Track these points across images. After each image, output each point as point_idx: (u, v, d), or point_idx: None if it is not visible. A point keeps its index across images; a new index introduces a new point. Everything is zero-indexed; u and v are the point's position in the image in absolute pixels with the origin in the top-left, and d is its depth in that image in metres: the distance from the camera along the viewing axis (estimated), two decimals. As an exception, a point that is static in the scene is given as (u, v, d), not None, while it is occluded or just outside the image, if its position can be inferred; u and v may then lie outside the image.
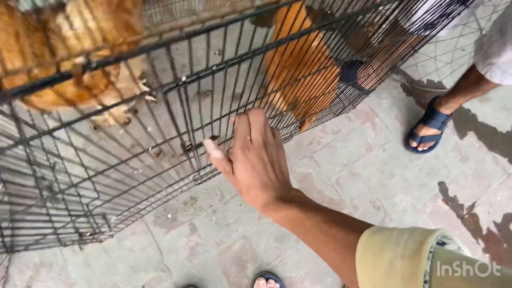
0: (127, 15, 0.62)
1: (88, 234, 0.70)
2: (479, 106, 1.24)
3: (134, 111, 1.04)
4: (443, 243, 0.23)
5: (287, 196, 0.33)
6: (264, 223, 0.94)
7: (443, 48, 1.20)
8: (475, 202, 1.09)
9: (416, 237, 0.22)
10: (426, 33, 0.71)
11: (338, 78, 1.14)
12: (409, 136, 1.11)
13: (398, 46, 0.93)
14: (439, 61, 1.20)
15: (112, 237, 0.87)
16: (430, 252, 0.20)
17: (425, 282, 0.19)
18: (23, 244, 0.54)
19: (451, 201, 1.08)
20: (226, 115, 0.54)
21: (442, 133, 1.11)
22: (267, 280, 0.85)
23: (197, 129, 0.52)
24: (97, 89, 0.62)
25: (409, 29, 0.69)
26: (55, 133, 0.26)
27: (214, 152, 0.38)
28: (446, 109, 1.05)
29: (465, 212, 1.07)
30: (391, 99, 1.19)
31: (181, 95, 0.36)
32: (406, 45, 0.94)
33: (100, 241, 0.84)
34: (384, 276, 0.21)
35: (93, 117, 0.93)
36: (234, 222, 0.93)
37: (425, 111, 1.12)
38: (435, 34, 0.75)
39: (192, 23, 0.26)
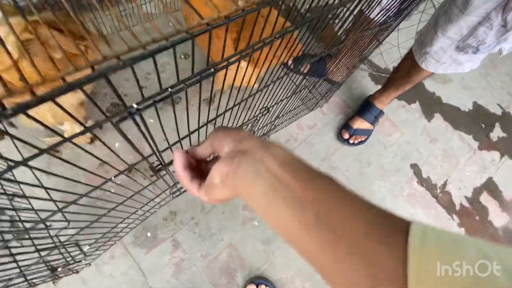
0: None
1: (61, 267, 0.64)
2: (442, 88, 1.30)
3: (99, 127, 0.97)
4: None
5: None
6: (248, 228, 0.93)
7: (405, 35, 1.23)
8: (447, 180, 1.14)
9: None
10: (390, 23, 0.72)
11: (308, 69, 1.14)
12: (343, 127, 1.11)
13: (364, 38, 0.94)
14: (402, 48, 1.24)
15: (90, 265, 0.81)
16: None
17: None
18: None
19: (425, 182, 1.12)
20: (203, 126, 0.50)
21: (373, 129, 1.12)
22: (257, 286, 0.84)
23: (165, 150, 0.49)
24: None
25: (374, 21, 0.70)
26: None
27: (181, 173, 0.33)
28: (379, 103, 1.07)
29: (438, 191, 1.12)
30: (360, 89, 1.21)
31: (137, 122, 0.32)
32: (371, 37, 0.95)
33: (77, 272, 0.79)
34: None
35: (50, 140, 0.85)
36: (218, 231, 0.91)
37: (362, 103, 1.13)
38: (398, 24, 0.77)
39: (131, 49, 0.22)
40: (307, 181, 0.23)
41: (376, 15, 0.69)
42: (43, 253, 0.54)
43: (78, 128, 0.83)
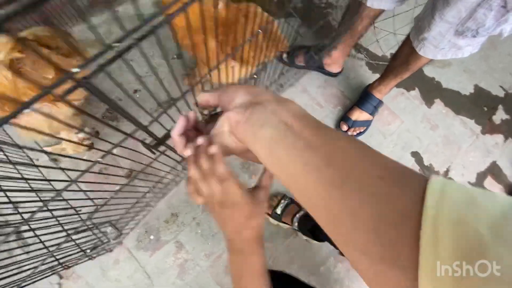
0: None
1: (94, 247, 0.63)
2: (441, 73, 1.27)
3: (96, 133, 0.97)
4: None
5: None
6: (251, 226, 0.93)
7: (401, 21, 1.20)
8: (449, 166, 1.13)
9: None
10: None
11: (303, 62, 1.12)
12: (342, 119, 1.09)
13: (356, 23, 0.91)
14: (399, 34, 1.21)
15: (122, 243, 0.82)
16: None
17: None
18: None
19: (427, 170, 1.11)
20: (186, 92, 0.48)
21: (372, 120, 1.10)
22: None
23: (151, 123, 0.45)
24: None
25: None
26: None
27: (175, 137, 0.31)
28: (378, 93, 1.05)
29: (441, 178, 1.11)
30: (358, 79, 1.19)
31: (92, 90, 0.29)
32: (364, 21, 0.92)
33: (111, 250, 0.79)
34: None
35: (49, 149, 0.85)
36: (220, 230, 0.91)
37: (360, 94, 1.11)
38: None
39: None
40: (319, 129, 0.22)
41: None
42: (70, 232, 0.52)
43: (74, 137, 0.83)
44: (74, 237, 0.51)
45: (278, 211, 0.91)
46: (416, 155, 1.12)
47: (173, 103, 0.42)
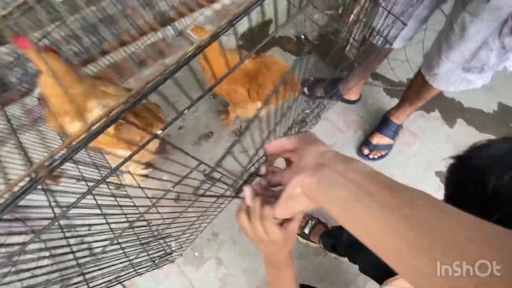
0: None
1: (160, 258, 0.77)
2: (462, 93, 1.31)
3: (150, 165, 1.16)
4: None
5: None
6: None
7: (414, 49, 1.29)
8: (478, 184, 1.14)
9: None
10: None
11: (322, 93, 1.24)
12: (363, 143, 1.17)
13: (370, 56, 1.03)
14: (412, 62, 1.29)
15: (181, 255, 0.95)
16: None
17: None
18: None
19: (454, 189, 1.13)
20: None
21: (393, 144, 1.16)
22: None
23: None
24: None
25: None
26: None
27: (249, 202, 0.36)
28: (396, 119, 1.12)
29: (469, 196, 1.12)
30: (377, 104, 1.28)
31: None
32: (378, 57, 1.03)
33: (173, 261, 0.93)
34: None
35: (111, 180, 1.05)
36: (255, 248, 1.02)
37: (380, 120, 1.18)
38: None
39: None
40: (392, 189, 0.22)
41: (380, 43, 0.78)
42: (145, 245, 0.67)
43: (140, 169, 1.02)
44: (146, 248, 0.66)
45: (306, 231, 1.00)
46: (440, 174, 1.15)
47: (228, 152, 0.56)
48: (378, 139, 1.13)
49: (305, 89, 1.26)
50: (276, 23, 0.34)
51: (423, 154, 1.18)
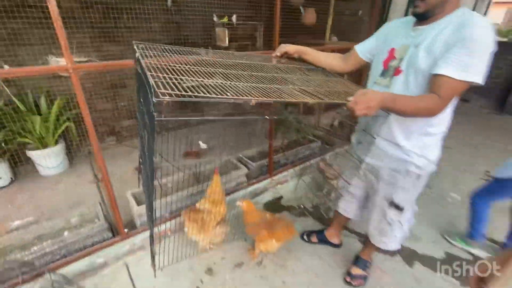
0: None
1: None
2: (415, 245, 1.90)
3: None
4: None
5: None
6: None
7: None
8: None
9: None
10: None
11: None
12: (346, 274, 1.69)
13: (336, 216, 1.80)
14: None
15: None
16: None
17: None
18: None
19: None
20: None
21: (366, 275, 1.66)
22: None
23: None
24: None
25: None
26: None
27: None
28: (365, 256, 1.72)
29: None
30: (356, 248, 1.87)
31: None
32: (340, 218, 1.78)
33: None
34: None
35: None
36: None
37: (355, 256, 1.77)
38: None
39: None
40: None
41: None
42: None
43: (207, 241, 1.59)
44: None
45: None
46: (409, 302, 1.54)
47: None
48: (355, 270, 1.65)
49: (305, 237, 1.93)
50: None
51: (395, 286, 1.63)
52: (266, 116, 2.39)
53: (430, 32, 0.99)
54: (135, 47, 1.10)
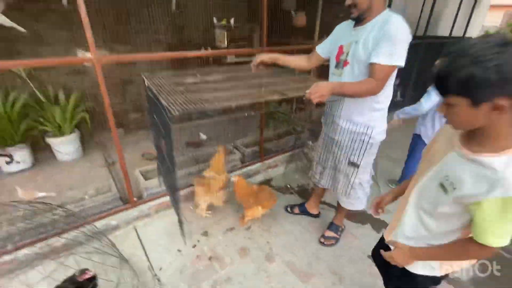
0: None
1: None
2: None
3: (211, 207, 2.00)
4: None
5: None
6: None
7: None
8: None
9: None
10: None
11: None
12: (321, 236, 1.99)
13: (316, 189, 2.09)
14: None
15: None
16: None
17: None
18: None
19: None
20: None
21: (338, 237, 2.00)
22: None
23: None
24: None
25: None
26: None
27: None
28: (337, 221, 2.02)
29: None
30: (329, 218, 2.17)
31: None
32: (318, 190, 2.09)
33: None
34: None
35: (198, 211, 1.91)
36: None
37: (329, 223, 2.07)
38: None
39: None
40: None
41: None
42: None
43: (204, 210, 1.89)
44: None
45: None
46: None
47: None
48: (329, 233, 1.95)
49: (288, 209, 2.24)
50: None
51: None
52: (252, 112, 2.72)
53: (364, 31, 1.31)
54: (143, 77, 1.46)
